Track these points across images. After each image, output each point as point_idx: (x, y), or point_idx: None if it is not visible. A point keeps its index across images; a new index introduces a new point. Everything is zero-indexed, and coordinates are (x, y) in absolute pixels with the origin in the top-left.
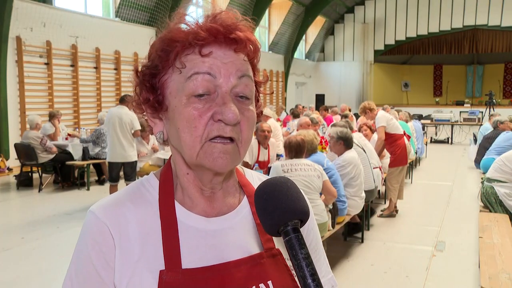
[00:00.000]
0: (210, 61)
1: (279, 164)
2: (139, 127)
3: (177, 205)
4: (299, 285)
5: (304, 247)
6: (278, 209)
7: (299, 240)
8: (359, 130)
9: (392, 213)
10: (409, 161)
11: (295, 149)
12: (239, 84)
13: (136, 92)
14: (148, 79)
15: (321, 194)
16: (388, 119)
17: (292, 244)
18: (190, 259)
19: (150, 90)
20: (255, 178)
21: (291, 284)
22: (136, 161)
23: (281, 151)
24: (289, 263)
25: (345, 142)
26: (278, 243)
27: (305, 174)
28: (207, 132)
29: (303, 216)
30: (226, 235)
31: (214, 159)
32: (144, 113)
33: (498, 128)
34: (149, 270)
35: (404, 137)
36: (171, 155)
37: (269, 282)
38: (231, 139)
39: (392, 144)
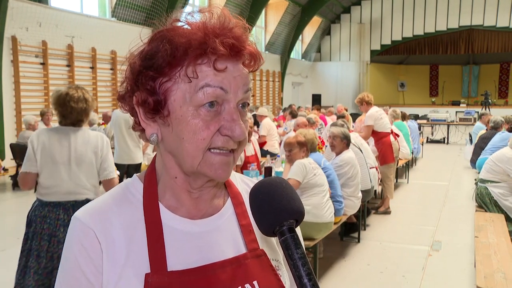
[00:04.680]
0: (222, 75)
1: (306, 161)
2: None
3: (162, 208)
4: (295, 284)
5: (300, 247)
6: (274, 209)
7: (295, 240)
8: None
9: (387, 210)
10: (405, 160)
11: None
12: (244, 98)
13: (127, 89)
14: (148, 81)
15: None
16: (376, 118)
17: (288, 244)
18: (176, 261)
19: (150, 93)
20: (238, 179)
21: (276, 284)
22: (141, 163)
23: (277, 150)
24: (273, 263)
25: (348, 142)
26: (263, 244)
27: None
28: (210, 143)
29: (298, 216)
30: (211, 236)
31: (216, 170)
32: (128, 109)
33: (499, 128)
34: (135, 273)
35: (391, 135)
36: (154, 156)
37: (255, 283)
38: (231, 150)
39: (378, 141)
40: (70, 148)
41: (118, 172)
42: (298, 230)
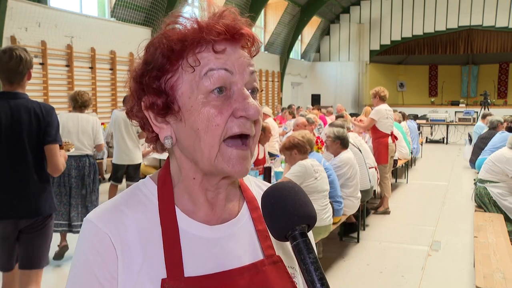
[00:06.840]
0: (224, 57)
1: (308, 163)
2: None
3: (178, 212)
4: None
5: (312, 252)
6: (286, 213)
7: (307, 244)
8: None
9: (386, 210)
10: (404, 160)
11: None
12: (250, 80)
13: (134, 98)
14: (153, 81)
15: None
16: (382, 116)
17: (300, 249)
18: (192, 267)
19: (156, 93)
20: (252, 183)
21: None
22: (140, 163)
23: (276, 151)
24: (290, 270)
25: (342, 142)
26: (278, 250)
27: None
28: (226, 130)
29: (310, 220)
30: (228, 242)
31: (234, 165)
32: (137, 120)
33: (497, 128)
34: (151, 279)
35: (389, 137)
36: (168, 157)
37: None
38: (246, 143)
39: (375, 140)
40: (78, 124)
41: (105, 142)
42: (310, 235)
